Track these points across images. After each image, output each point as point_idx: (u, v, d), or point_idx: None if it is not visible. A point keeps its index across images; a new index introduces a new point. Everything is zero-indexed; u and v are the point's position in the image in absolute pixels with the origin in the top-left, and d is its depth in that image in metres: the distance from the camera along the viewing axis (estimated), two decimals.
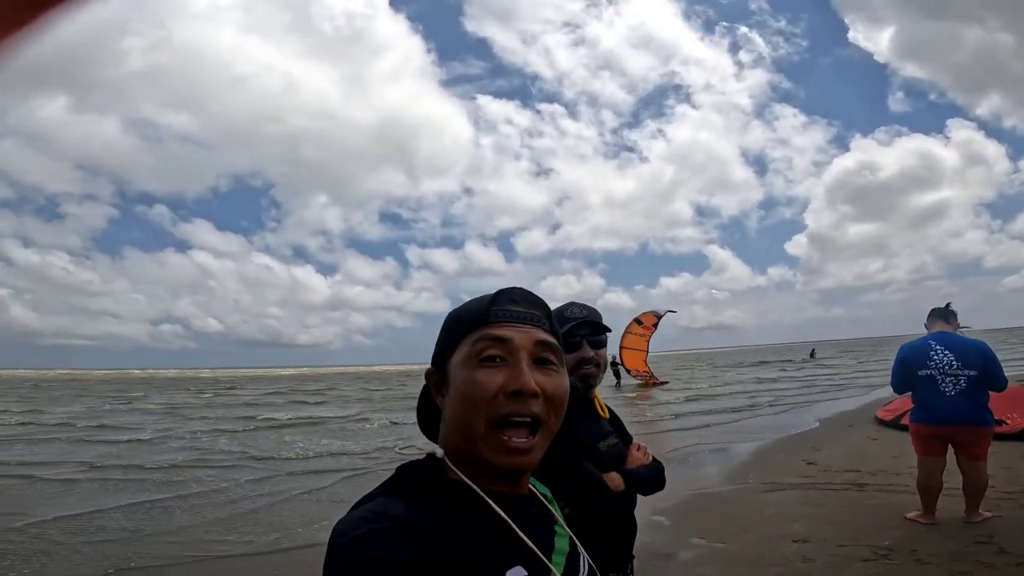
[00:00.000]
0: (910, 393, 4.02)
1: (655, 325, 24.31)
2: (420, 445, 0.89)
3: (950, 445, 3.86)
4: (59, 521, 5.51)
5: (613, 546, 1.67)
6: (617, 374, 23.70)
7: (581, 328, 1.61)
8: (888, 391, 14.05)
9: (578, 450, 1.55)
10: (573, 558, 0.78)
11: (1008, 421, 6.62)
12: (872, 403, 11.84)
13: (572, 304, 1.68)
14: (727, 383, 24.21)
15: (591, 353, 1.61)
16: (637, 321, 23.89)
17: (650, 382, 23.88)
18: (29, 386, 42.49)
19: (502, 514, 0.68)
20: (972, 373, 3.68)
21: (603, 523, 1.60)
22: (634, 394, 20.18)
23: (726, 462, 7.30)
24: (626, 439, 1.81)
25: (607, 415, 1.78)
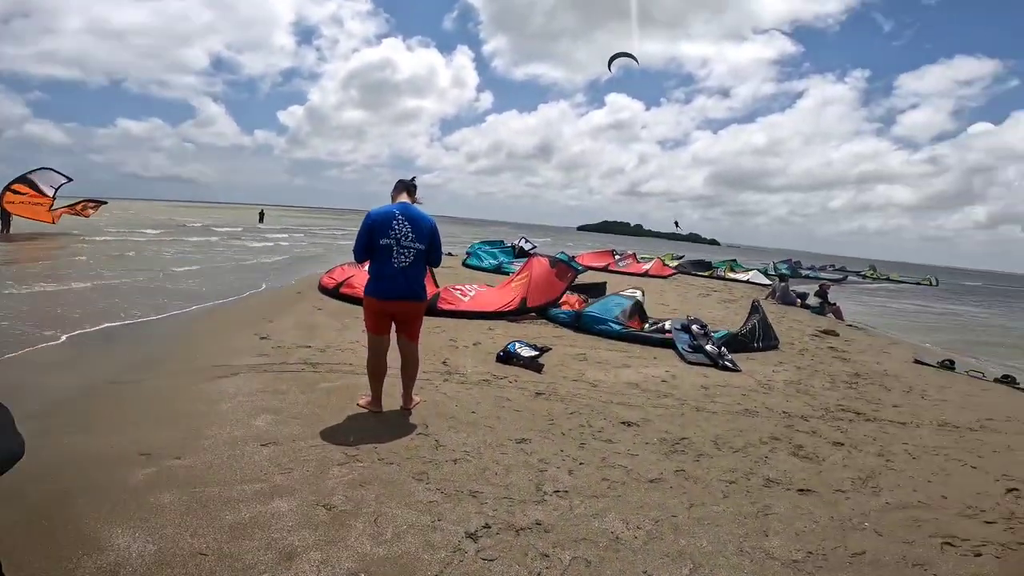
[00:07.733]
0: (367, 263, 3.94)
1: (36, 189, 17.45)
2: None
3: (393, 323, 3.97)
4: None
5: None
6: (5, 219, 17.04)
7: None
8: (335, 258, 15.65)
9: None
10: None
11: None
12: (318, 269, 12.70)
13: None
14: (170, 240, 21.32)
15: None
16: (12, 190, 16.94)
17: (83, 212, 18.96)
18: None
19: None
20: (421, 247, 3.83)
21: None
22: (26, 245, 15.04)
23: (160, 340, 6.12)
24: None
25: None
